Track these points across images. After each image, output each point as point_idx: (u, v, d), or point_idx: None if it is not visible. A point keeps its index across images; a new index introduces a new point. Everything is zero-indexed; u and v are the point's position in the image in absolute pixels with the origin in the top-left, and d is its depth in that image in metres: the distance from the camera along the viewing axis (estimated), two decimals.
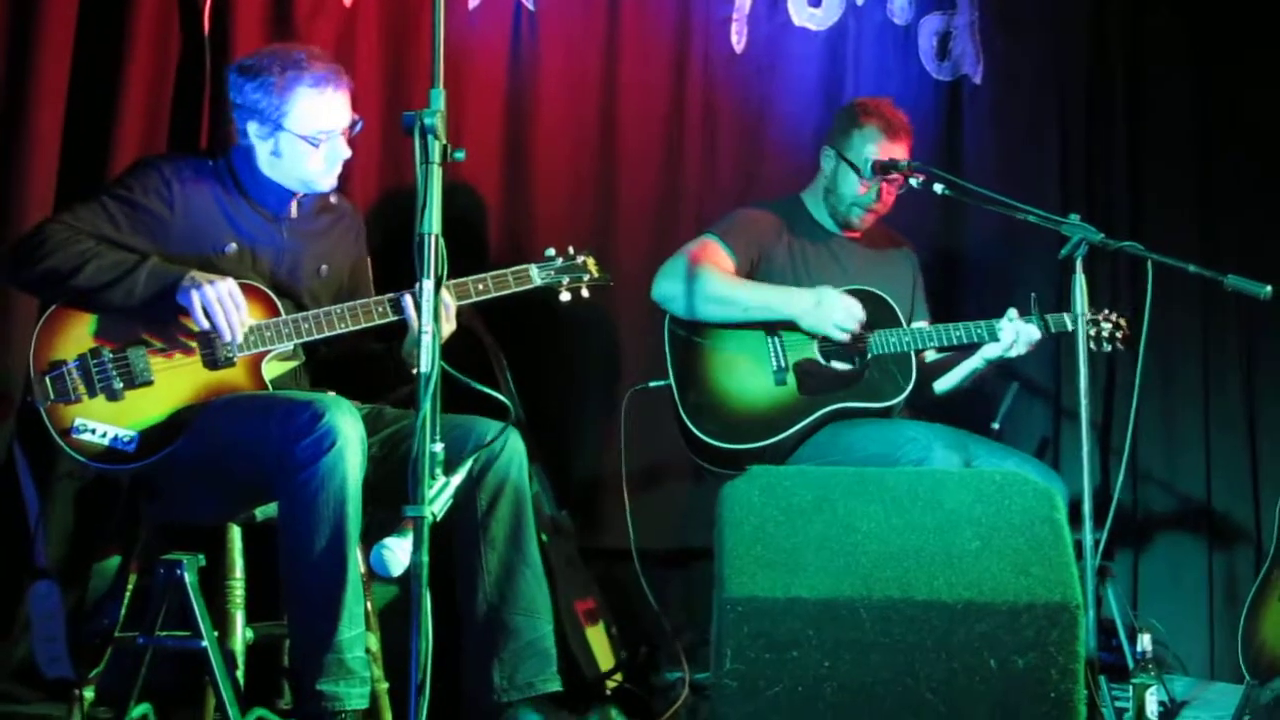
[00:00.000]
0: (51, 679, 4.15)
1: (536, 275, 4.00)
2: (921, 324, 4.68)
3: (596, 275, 4.08)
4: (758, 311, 4.43)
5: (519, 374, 4.64)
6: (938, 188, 4.30)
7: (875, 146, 4.54)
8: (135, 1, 4.40)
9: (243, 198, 3.88)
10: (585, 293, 4.08)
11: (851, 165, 4.55)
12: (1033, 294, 4.38)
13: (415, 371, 3.82)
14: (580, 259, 4.07)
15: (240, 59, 3.92)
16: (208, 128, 4.51)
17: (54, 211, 3.78)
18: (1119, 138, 5.54)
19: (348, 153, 3.90)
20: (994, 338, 4.39)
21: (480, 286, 3.92)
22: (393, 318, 3.83)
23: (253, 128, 3.84)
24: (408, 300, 3.80)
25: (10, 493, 4.15)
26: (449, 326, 3.83)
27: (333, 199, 4.06)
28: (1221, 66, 5.51)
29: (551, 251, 4.05)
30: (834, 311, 4.38)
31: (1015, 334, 4.37)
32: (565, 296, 4.06)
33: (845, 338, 4.39)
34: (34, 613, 4.15)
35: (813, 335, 4.44)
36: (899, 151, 4.55)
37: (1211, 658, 5.28)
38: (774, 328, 4.46)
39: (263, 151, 3.85)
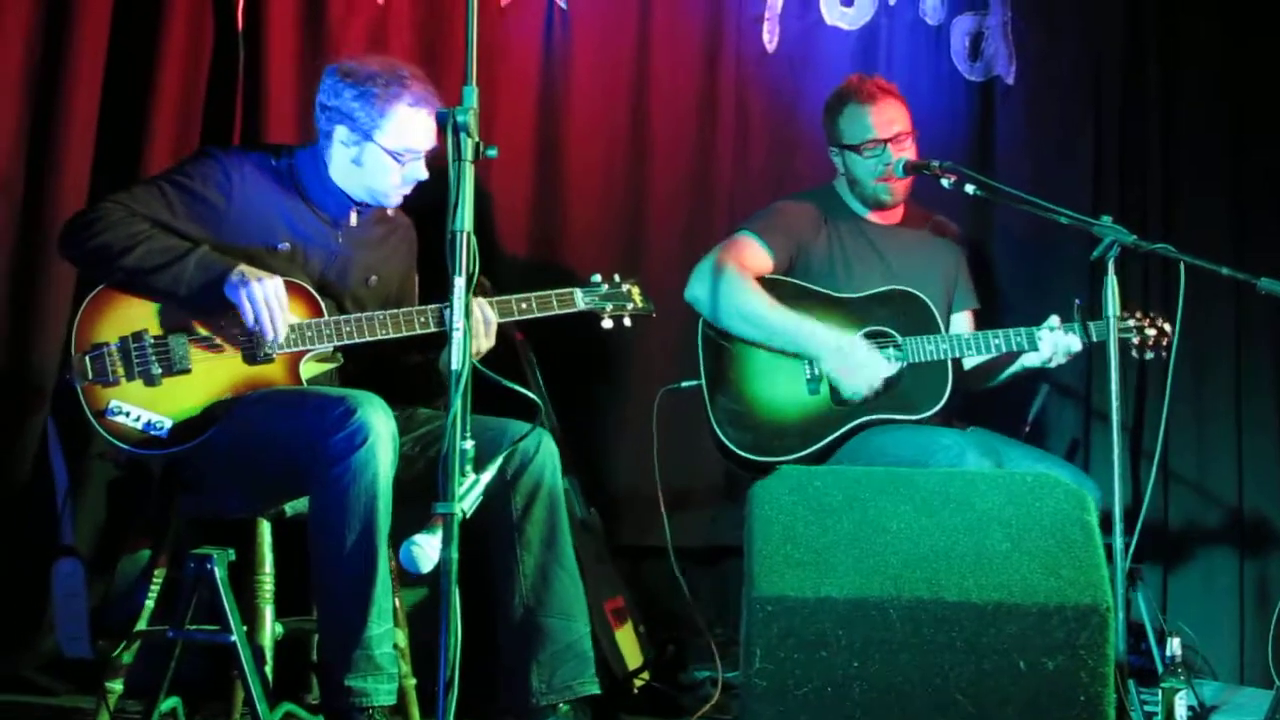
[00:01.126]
0: (69, 657, 4.18)
1: (581, 300, 4.02)
2: (962, 326, 4.67)
3: (640, 305, 4.09)
4: (780, 341, 4.37)
5: (548, 371, 4.64)
6: (969, 188, 4.28)
7: (863, 119, 4.52)
8: None
9: (302, 199, 3.91)
10: (627, 321, 4.09)
11: (851, 147, 4.53)
12: (1076, 300, 4.35)
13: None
14: (625, 287, 4.08)
15: (343, 62, 3.93)
16: (240, 122, 4.53)
17: (93, 200, 3.80)
18: (1152, 139, 5.50)
19: (425, 175, 3.92)
20: (1033, 346, 4.35)
21: (524, 306, 3.94)
22: (435, 328, 3.85)
23: (341, 132, 3.86)
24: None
25: (43, 483, 4.18)
26: (488, 342, 3.85)
27: (390, 211, 4.07)
28: (1257, 67, 5.48)
29: (598, 277, 4.06)
30: (855, 370, 4.32)
31: (1054, 345, 4.33)
32: (607, 324, 4.07)
33: (857, 399, 4.33)
34: (56, 590, 4.18)
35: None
36: (890, 110, 4.53)
37: (1241, 662, 5.25)
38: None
39: (342, 157, 3.87)
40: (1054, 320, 4.35)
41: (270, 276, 3.72)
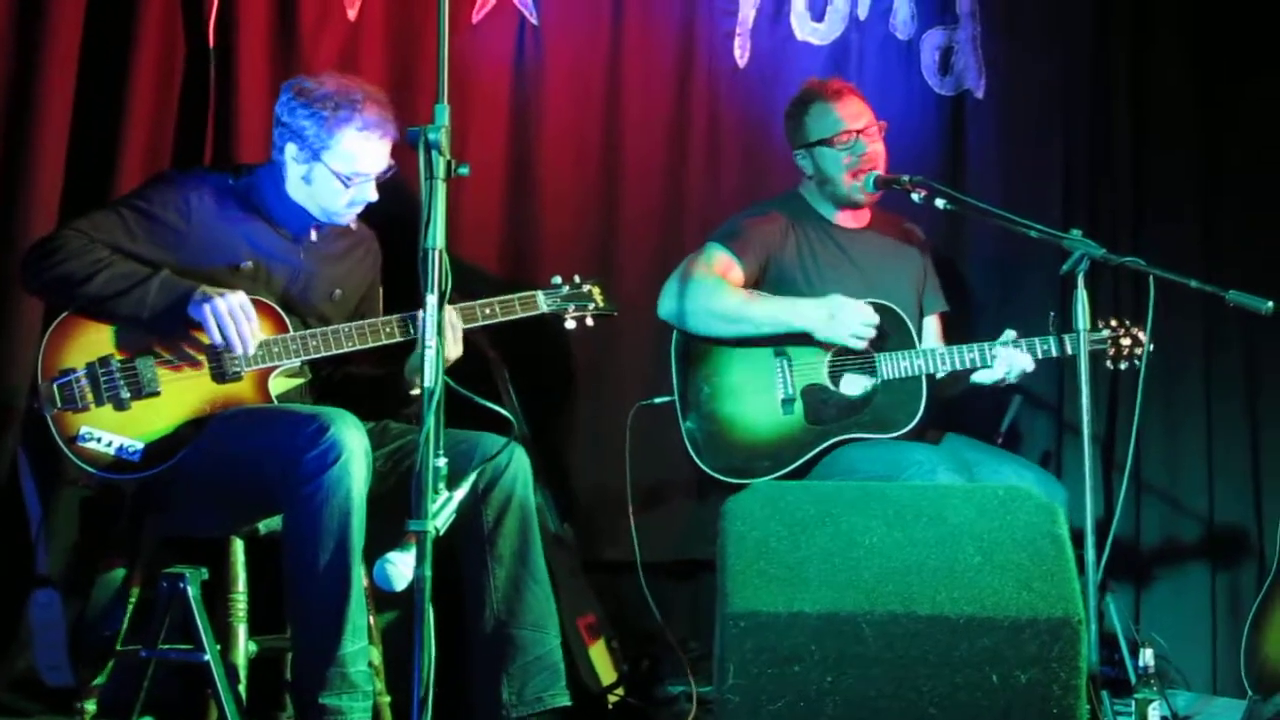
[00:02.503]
0: (52, 687, 4.16)
1: (543, 302, 4.04)
2: (932, 329, 4.68)
3: (602, 305, 4.12)
4: (769, 327, 4.38)
5: (522, 387, 4.65)
6: (940, 202, 4.31)
7: (831, 113, 4.54)
8: (141, 12, 4.41)
9: (261, 217, 3.91)
10: (590, 321, 4.13)
11: (823, 141, 4.52)
12: (1051, 312, 4.36)
13: (416, 391, 3.88)
14: (586, 288, 4.11)
15: (301, 79, 3.95)
16: (212, 139, 4.52)
17: (71, 219, 3.80)
18: (1122, 151, 5.53)
19: (374, 197, 3.92)
20: (986, 364, 4.36)
21: (487, 311, 3.96)
22: (400, 338, 3.86)
23: (291, 149, 3.86)
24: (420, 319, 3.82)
25: (13, 504, 4.16)
26: (456, 349, 3.86)
27: (352, 225, 4.07)
28: (1224, 80, 5.51)
29: (558, 279, 4.10)
30: (849, 321, 4.32)
31: (1009, 364, 4.34)
32: (570, 324, 4.11)
33: (863, 345, 4.34)
34: (35, 621, 4.15)
35: (827, 346, 4.39)
36: (854, 106, 4.55)
37: (1214, 672, 5.26)
38: (782, 348, 4.41)
39: (294, 174, 3.88)
40: (1009, 334, 4.36)
41: (234, 292, 3.72)
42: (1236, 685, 4.82)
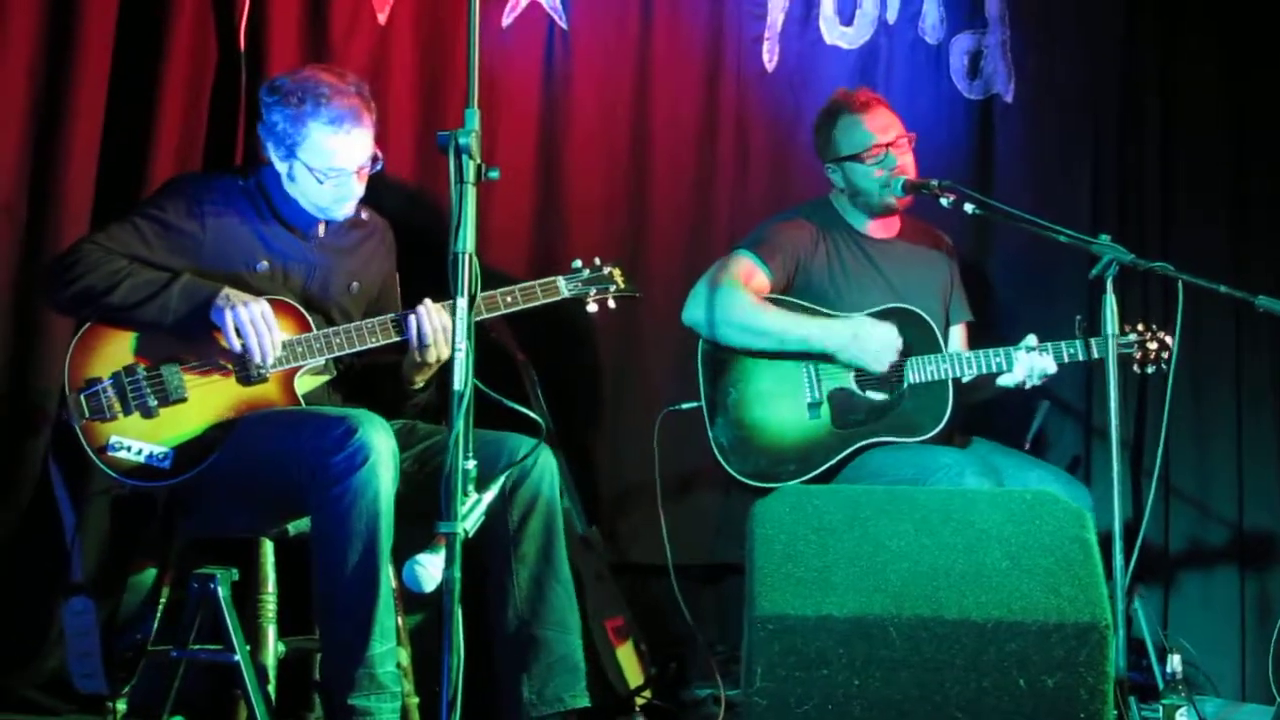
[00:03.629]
0: (86, 694, 4.18)
1: (564, 287, 4.03)
2: (957, 339, 4.66)
3: (623, 286, 4.10)
4: (792, 344, 4.37)
5: (551, 391, 4.65)
6: (968, 207, 4.29)
7: (860, 127, 4.53)
8: (172, 17, 4.44)
9: (273, 216, 3.92)
10: (611, 303, 4.10)
11: (853, 157, 4.52)
12: (1077, 316, 4.35)
13: (415, 387, 3.86)
14: (607, 270, 4.09)
15: (274, 78, 3.96)
16: (243, 144, 4.53)
17: (91, 229, 3.81)
18: (1151, 157, 5.52)
19: (360, 190, 3.92)
20: (1009, 367, 4.34)
21: (509, 299, 3.95)
22: (395, 338, 3.88)
23: (271, 148, 3.88)
24: (410, 320, 3.84)
25: (44, 506, 4.18)
26: (446, 350, 3.81)
27: (364, 215, 4.08)
28: (1255, 84, 5.50)
29: (578, 263, 4.08)
30: (871, 343, 4.31)
31: (1029, 368, 4.32)
32: (592, 307, 4.08)
33: (885, 369, 4.34)
34: (69, 628, 4.17)
35: (850, 367, 4.40)
36: (883, 118, 4.54)
37: (1243, 678, 5.25)
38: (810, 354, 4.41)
39: (281, 172, 3.89)
40: (1031, 340, 4.35)
41: (256, 300, 3.73)
42: (1265, 691, 4.81)
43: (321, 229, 3.99)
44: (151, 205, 3.85)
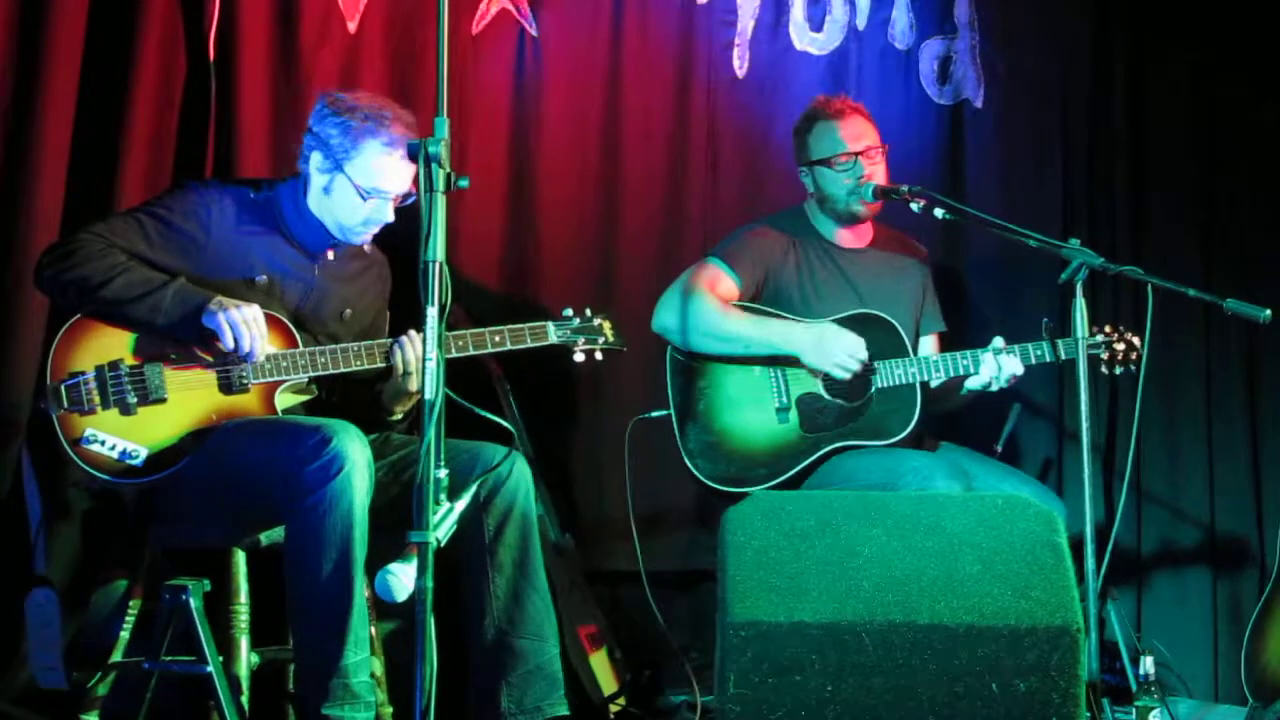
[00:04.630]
0: (45, 688, 4.16)
1: (553, 333, 4.08)
2: (929, 350, 4.66)
3: (612, 340, 4.16)
4: (758, 348, 4.38)
5: (523, 398, 4.66)
6: (938, 212, 4.30)
7: (833, 134, 4.54)
8: (141, 27, 4.43)
9: (280, 232, 3.93)
10: (599, 355, 4.17)
11: (822, 161, 4.53)
12: (1044, 319, 4.37)
13: (396, 417, 3.89)
14: (597, 321, 4.15)
15: (338, 91, 3.99)
16: (213, 153, 4.53)
17: (89, 223, 3.81)
18: (1121, 160, 5.54)
19: (390, 218, 3.94)
20: (976, 370, 4.36)
21: (497, 339, 3.99)
22: (380, 363, 3.90)
23: (316, 158, 3.88)
24: (395, 350, 3.88)
25: (17, 513, 4.17)
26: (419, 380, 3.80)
27: (366, 248, 4.09)
28: (1223, 88, 5.52)
29: (569, 311, 4.13)
30: (835, 351, 4.33)
31: (997, 368, 4.34)
32: (579, 357, 4.14)
33: (847, 376, 4.35)
34: (30, 621, 4.15)
35: (814, 371, 4.41)
36: (858, 125, 4.55)
37: (1215, 680, 5.27)
38: (777, 358, 4.43)
39: (316, 184, 3.90)
40: (998, 342, 4.36)
41: (248, 305, 3.74)
42: (1237, 692, 4.83)
43: (331, 253, 4.00)
44: (157, 204, 3.86)
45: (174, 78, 4.53)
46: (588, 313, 4.14)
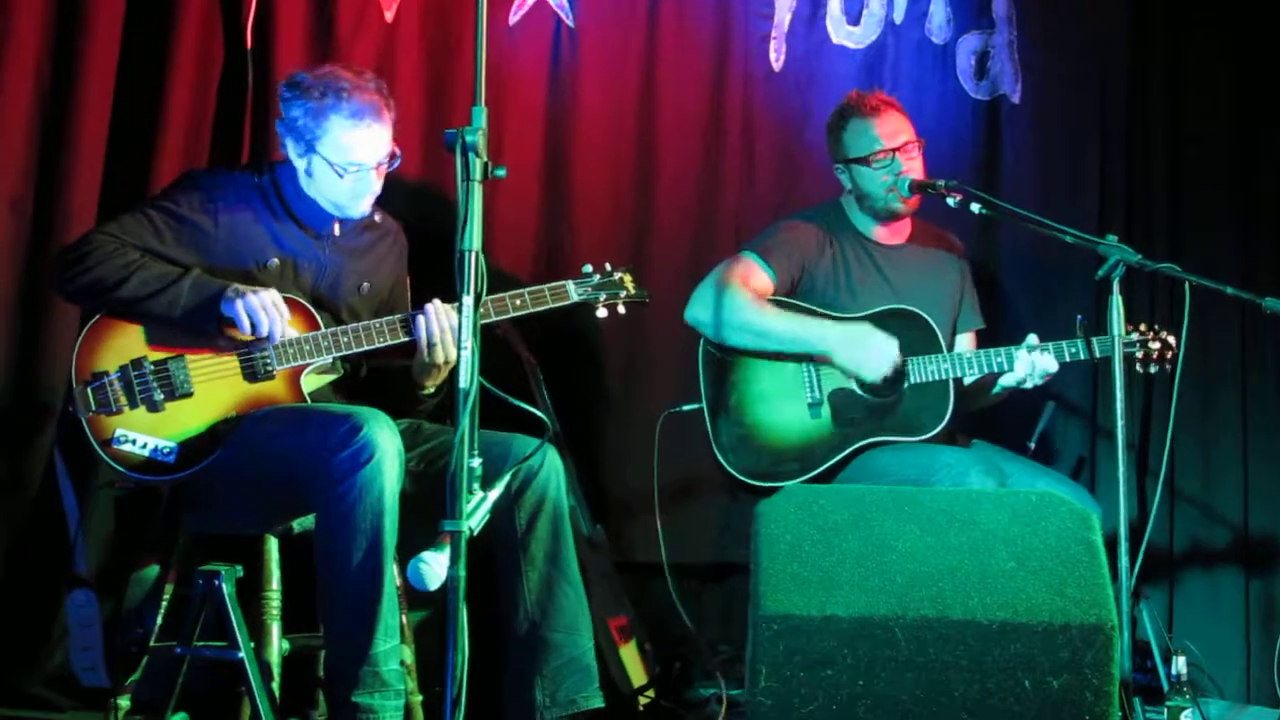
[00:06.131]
0: (87, 688, 4.19)
1: (574, 291, 4.02)
2: (965, 347, 4.64)
3: (633, 292, 4.09)
4: (791, 345, 4.36)
5: (556, 389, 4.65)
6: (975, 207, 4.29)
7: (869, 131, 4.51)
8: (179, 15, 4.46)
9: (286, 213, 3.92)
10: (621, 309, 4.10)
11: (859, 159, 4.50)
12: (1078, 316, 4.35)
13: (426, 391, 3.85)
14: (617, 275, 4.08)
15: (293, 73, 3.95)
16: (249, 141, 4.55)
17: (99, 223, 3.82)
18: (1158, 157, 5.51)
19: (377, 186, 3.92)
20: (1010, 366, 4.33)
21: (518, 302, 3.94)
22: (403, 338, 3.87)
23: (289, 144, 3.88)
24: (418, 320, 3.84)
25: (51, 500, 4.19)
26: (454, 351, 3.81)
27: (377, 217, 4.09)
28: (1263, 84, 5.49)
29: (589, 268, 4.07)
30: (869, 353, 4.30)
31: (1030, 366, 4.31)
32: (602, 313, 4.07)
33: (879, 380, 4.33)
34: (71, 621, 4.18)
35: (846, 373, 4.39)
36: (893, 122, 4.52)
37: (1248, 681, 5.24)
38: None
39: (299, 168, 3.89)
40: (1032, 339, 4.34)
41: (266, 289, 3.75)
42: (1269, 693, 4.81)
43: (336, 228, 3.99)
44: (164, 198, 3.86)
45: (211, 66, 4.54)
46: (608, 267, 4.07)
